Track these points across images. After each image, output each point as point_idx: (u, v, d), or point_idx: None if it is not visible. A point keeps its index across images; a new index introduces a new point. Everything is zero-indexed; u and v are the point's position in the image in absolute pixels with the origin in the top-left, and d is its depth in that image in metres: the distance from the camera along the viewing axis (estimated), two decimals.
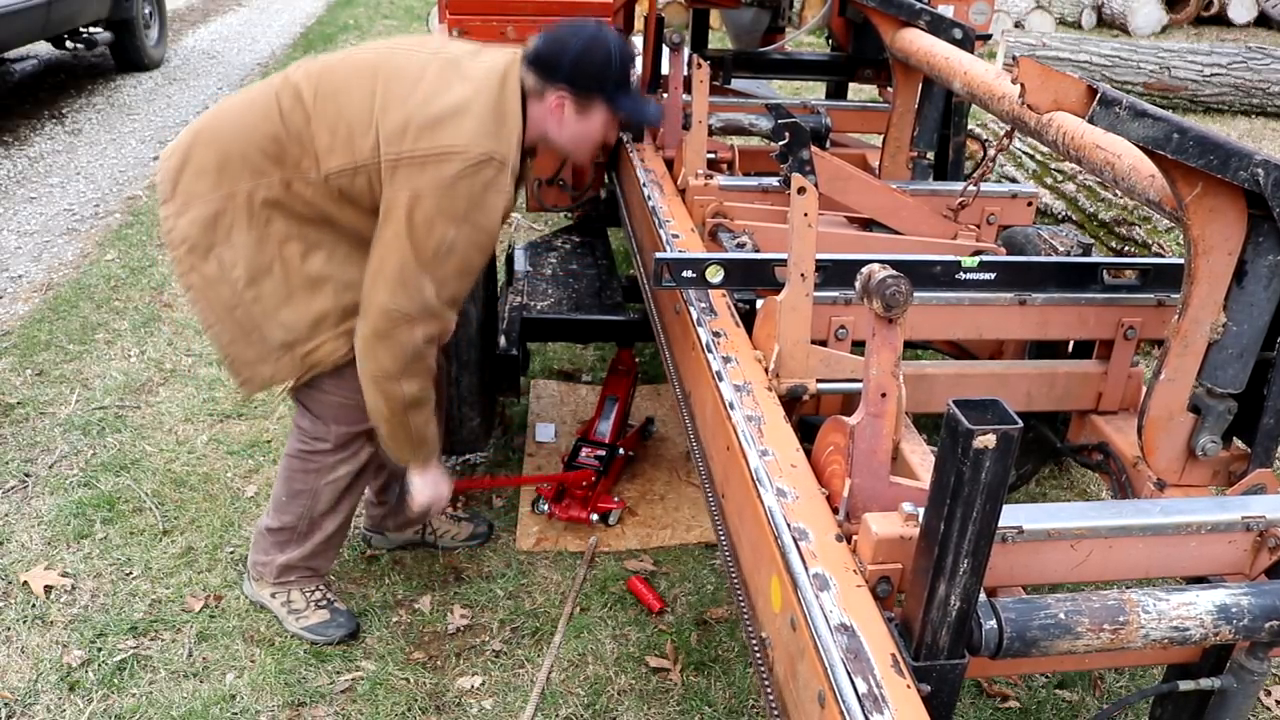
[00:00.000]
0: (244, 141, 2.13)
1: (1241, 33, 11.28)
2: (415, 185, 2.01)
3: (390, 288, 2.07)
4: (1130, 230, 4.61)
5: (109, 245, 4.91)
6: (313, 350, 2.22)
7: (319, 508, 2.47)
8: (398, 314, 2.08)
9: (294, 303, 2.18)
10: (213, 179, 2.14)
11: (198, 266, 2.17)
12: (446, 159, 2.00)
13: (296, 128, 2.10)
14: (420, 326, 2.11)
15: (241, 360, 2.24)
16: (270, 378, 2.25)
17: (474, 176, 2.01)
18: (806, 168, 2.05)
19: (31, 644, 2.52)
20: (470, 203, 2.03)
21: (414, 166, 2.01)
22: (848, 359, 1.96)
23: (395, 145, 2.02)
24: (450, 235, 2.03)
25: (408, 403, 2.19)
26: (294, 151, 2.10)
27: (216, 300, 2.19)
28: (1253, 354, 1.72)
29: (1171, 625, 1.36)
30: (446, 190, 2.01)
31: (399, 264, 2.05)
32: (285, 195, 2.12)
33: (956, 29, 2.90)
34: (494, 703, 2.43)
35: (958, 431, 1.13)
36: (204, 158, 2.15)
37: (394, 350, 2.12)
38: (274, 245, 2.15)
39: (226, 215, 2.14)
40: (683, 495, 3.22)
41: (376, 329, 2.11)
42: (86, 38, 7.35)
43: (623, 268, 3.89)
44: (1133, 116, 1.51)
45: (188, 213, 2.15)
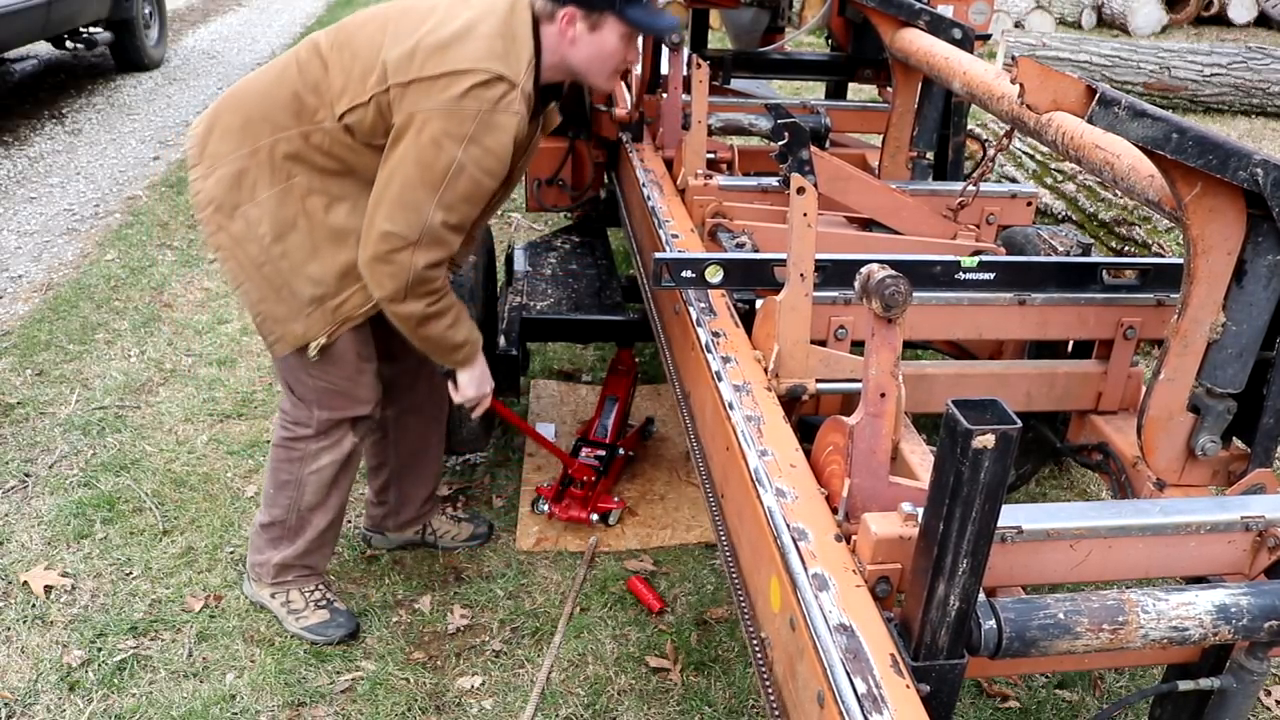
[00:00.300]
0: (265, 101, 2.16)
1: (1241, 33, 11.28)
2: (423, 106, 1.99)
3: (389, 210, 2.04)
4: (1130, 230, 4.61)
5: (109, 245, 4.91)
6: (342, 303, 2.22)
7: (305, 500, 2.47)
8: (396, 237, 2.04)
9: (320, 256, 2.19)
10: (236, 139, 2.17)
11: (225, 226, 2.19)
12: (454, 79, 1.98)
13: (314, 78, 2.12)
14: (421, 252, 2.06)
15: (273, 318, 2.24)
16: (302, 334, 2.24)
17: (482, 95, 1.98)
18: (806, 168, 2.04)
19: (31, 644, 2.52)
20: (479, 123, 1.99)
21: (422, 88, 1.99)
22: (847, 359, 1.96)
23: (403, 71, 2.01)
24: (458, 156, 1.99)
25: (417, 320, 2.16)
26: (311, 103, 2.12)
27: (245, 258, 2.20)
28: (1252, 354, 1.72)
29: (1171, 625, 1.36)
30: (454, 109, 1.98)
31: (401, 185, 2.03)
32: (304, 147, 2.14)
33: (956, 29, 2.89)
34: (494, 703, 2.43)
35: (957, 431, 1.13)
36: (229, 121, 2.19)
37: (395, 274, 2.08)
38: (297, 200, 2.16)
39: (250, 173, 2.16)
40: (683, 495, 3.22)
41: (377, 252, 2.07)
42: (86, 38, 7.36)
43: (622, 268, 3.89)
44: (1132, 116, 1.51)
45: (213, 174, 2.19)
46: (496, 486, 3.24)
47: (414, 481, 2.80)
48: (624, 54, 2.16)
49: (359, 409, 2.40)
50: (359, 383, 2.36)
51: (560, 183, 3.75)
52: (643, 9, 2.13)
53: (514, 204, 5.41)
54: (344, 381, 2.34)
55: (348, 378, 2.34)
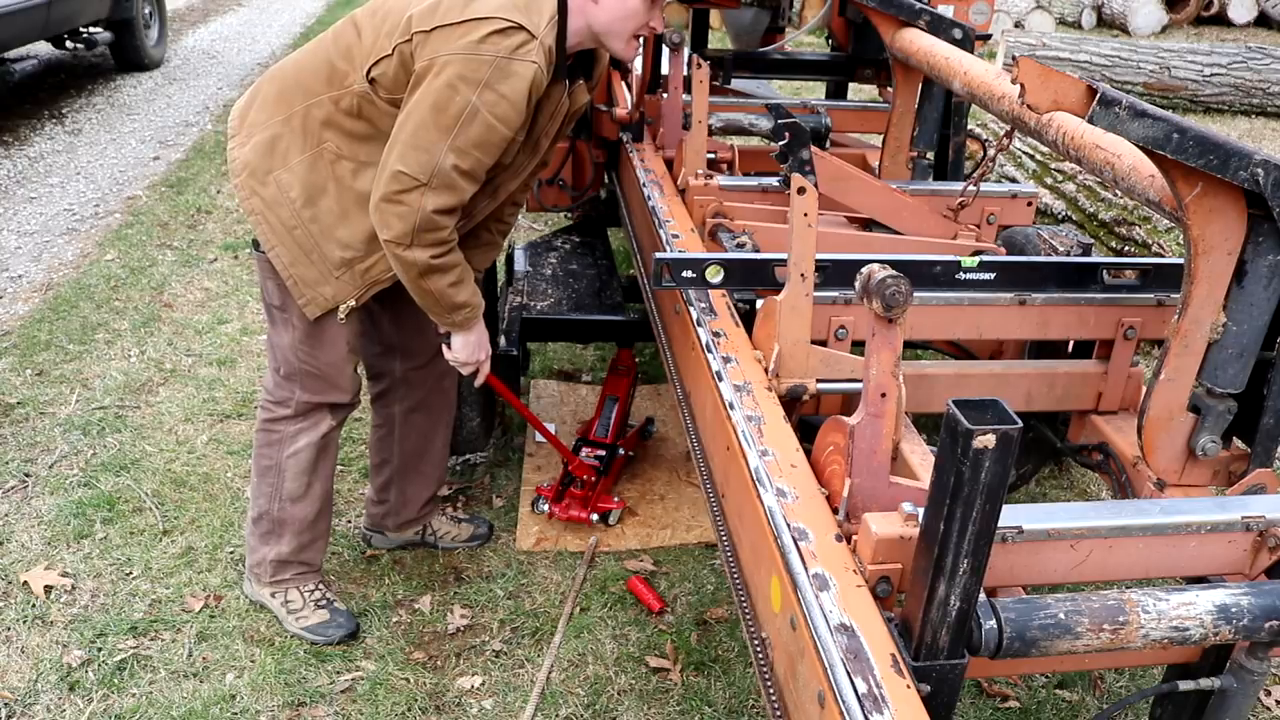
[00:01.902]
0: (300, 70, 2.23)
1: (1241, 33, 11.28)
2: (441, 51, 2.01)
3: (402, 150, 2.05)
4: (1130, 230, 4.61)
5: (109, 245, 4.91)
6: (371, 266, 2.26)
7: (286, 488, 2.49)
8: (407, 178, 2.04)
9: (349, 220, 2.22)
10: (272, 107, 2.23)
11: (258, 190, 2.23)
12: (474, 25, 2.00)
13: (346, 44, 2.17)
14: (431, 195, 2.06)
15: (304, 281, 2.27)
16: (332, 297, 2.27)
17: (500, 42, 1.99)
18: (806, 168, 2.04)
19: (31, 644, 2.52)
20: (494, 68, 1.99)
21: (442, 35, 2.02)
22: (847, 359, 1.96)
23: (426, 20, 2.04)
24: (472, 99, 2.00)
25: (421, 270, 2.15)
26: (342, 68, 2.16)
27: (276, 222, 2.23)
28: (1252, 354, 1.72)
29: (1171, 625, 1.36)
30: (471, 53, 1.99)
31: (415, 126, 2.04)
32: (334, 112, 2.18)
33: (956, 29, 2.89)
34: (494, 703, 2.43)
35: (957, 431, 1.13)
36: (267, 92, 2.26)
37: (403, 216, 2.07)
38: (326, 165, 2.20)
39: (283, 139, 2.21)
40: (683, 495, 3.22)
41: (387, 191, 2.08)
42: (86, 38, 7.36)
43: (623, 268, 3.89)
44: (1132, 116, 1.51)
45: (250, 141, 2.24)
46: (496, 486, 3.24)
47: (415, 481, 2.80)
48: (645, 17, 2.16)
49: (338, 396, 2.43)
50: (342, 372, 2.40)
51: (560, 183, 3.75)
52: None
53: None
54: (329, 368, 2.38)
55: (333, 365, 2.38)
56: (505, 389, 2.71)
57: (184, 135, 6.70)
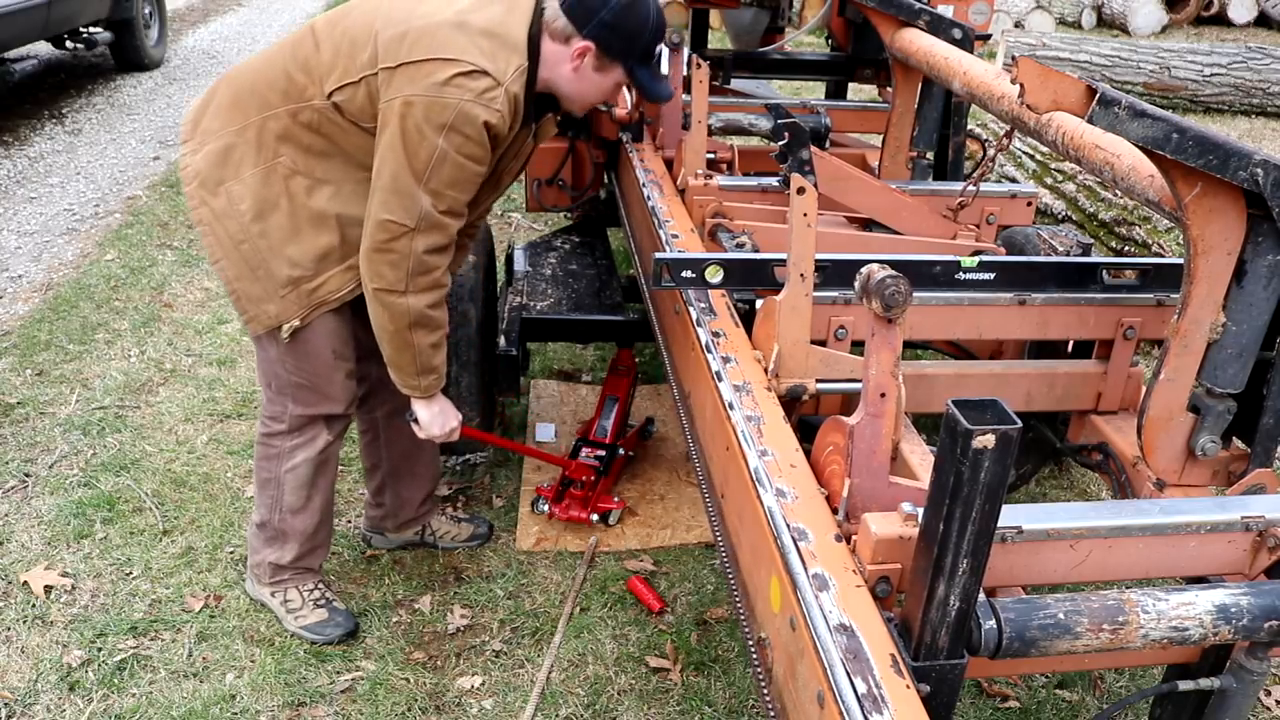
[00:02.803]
0: (257, 79, 2.18)
1: (1241, 33, 11.28)
2: (407, 91, 1.99)
3: (385, 198, 2.05)
4: (1130, 230, 4.61)
5: (109, 245, 4.91)
6: (318, 286, 2.23)
7: (285, 501, 2.48)
8: (394, 224, 2.04)
9: (300, 238, 2.19)
10: (226, 116, 2.19)
11: (207, 200, 2.19)
12: (440, 65, 1.98)
13: (304, 56, 2.13)
14: (420, 237, 2.06)
15: (248, 297, 2.24)
16: (276, 315, 2.24)
17: (465, 84, 1.98)
18: (806, 168, 2.04)
19: (31, 644, 2.52)
20: (459, 113, 1.98)
21: (407, 73, 2.00)
22: (847, 359, 1.96)
23: (392, 54, 2.02)
24: (439, 143, 1.99)
25: (413, 319, 2.15)
26: (300, 80, 2.12)
27: (224, 235, 2.20)
28: (1252, 354, 1.72)
29: (1171, 625, 1.36)
30: (435, 96, 1.98)
31: (393, 174, 2.03)
32: (292, 125, 2.14)
33: (956, 29, 2.90)
34: (494, 703, 2.43)
35: (957, 431, 1.13)
36: (221, 99, 2.22)
37: (395, 262, 2.08)
38: (280, 180, 2.17)
39: (237, 149, 2.17)
40: (683, 495, 3.22)
41: (376, 242, 2.08)
42: (86, 38, 7.35)
43: (622, 268, 3.89)
44: (1132, 116, 1.51)
45: (202, 149, 2.20)
46: (496, 486, 3.24)
47: (409, 483, 2.80)
48: (610, 96, 2.21)
49: (331, 406, 2.40)
50: (332, 380, 2.36)
51: (560, 183, 3.75)
52: (650, 72, 2.17)
53: (514, 204, 5.42)
54: (316, 377, 2.35)
55: (320, 374, 2.34)
56: (478, 434, 2.73)
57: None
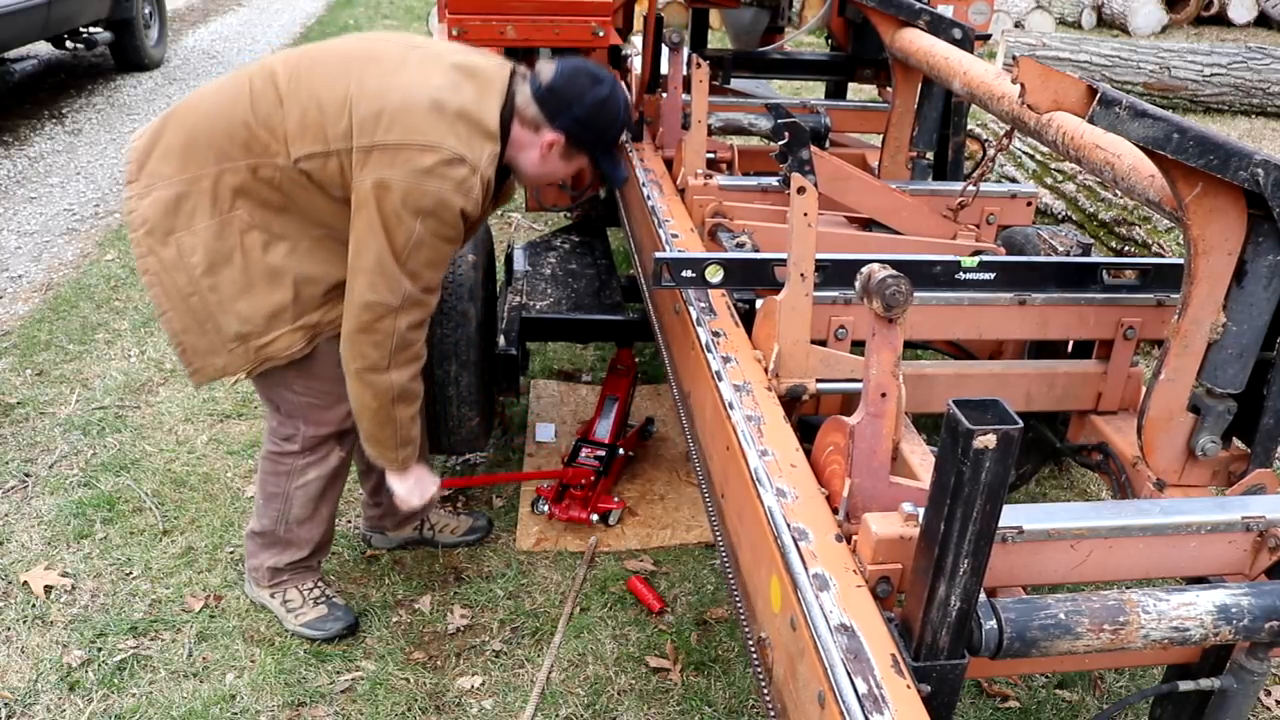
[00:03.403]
0: (212, 125, 2.10)
1: (1241, 33, 11.27)
2: (385, 175, 1.99)
3: (369, 279, 2.05)
4: (1130, 230, 4.61)
5: (109, 245, 4.91)
6: (268, 344, 2.19)
7: (293, 513, 2.47)
8: (379, 305, 2.07)
9: (252, 294, 2.15)
10: (178, 162, 2.10)
11: (155, 250, 2.13)
12: (421, 152, 1.99)
13: (266, 112, 2.07)
14: (403, 315, 2.09)
15: (193, 349, 2.20)
16: (222, 369, 2.22)
17: (445, 173, 2.00)
18: (806, 167, 2.05)
19: (31, 644, 2.52)
20: (437, 200, 2.00)
21: (386, 155, 1.99)
22: (847, 359, 1.96)
23: (369, 134, 2.00)
24: (417, 229, 2.02)
25: (395, 394, 2.17)
26: (262, 136, 2.07)
27: (172, 286, 2.15)
28: (1252, 354, 1.72)
29: (1172, 626, 1.36)
30: (415, 183, 1.99)
31: (376, 255, 2.03)
32: (251, 181, 2.09)
33: (956, 29, 2.89)
34: (494, 703, 2.43)
35: (958, 431, 1.13)
36: (171, 140, 2.12)
37: (379, 341, 2.10)
38: (235, 234, 2.12)
39: (189, 199, 2.10)
40: (683, 495, 3.22)
41: (360, 323, 2.09)
42: (86, 38, 7.35)
43: (622, 267, 3.89)
44: (1133, 116, 1.51)
45: (150, 195, 2.12)
46: (497, 486, 3.24)
47: None
48: (567, 177, 2.32)
49: (345, 422, 2.37)
50: (343, 395, 2.31)
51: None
52: (612, 160, 2.25)
53: (514, 204, 5.41)
54: (327, 393, 2.32)
55: (331, 391, 2.31)
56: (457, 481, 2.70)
57: None
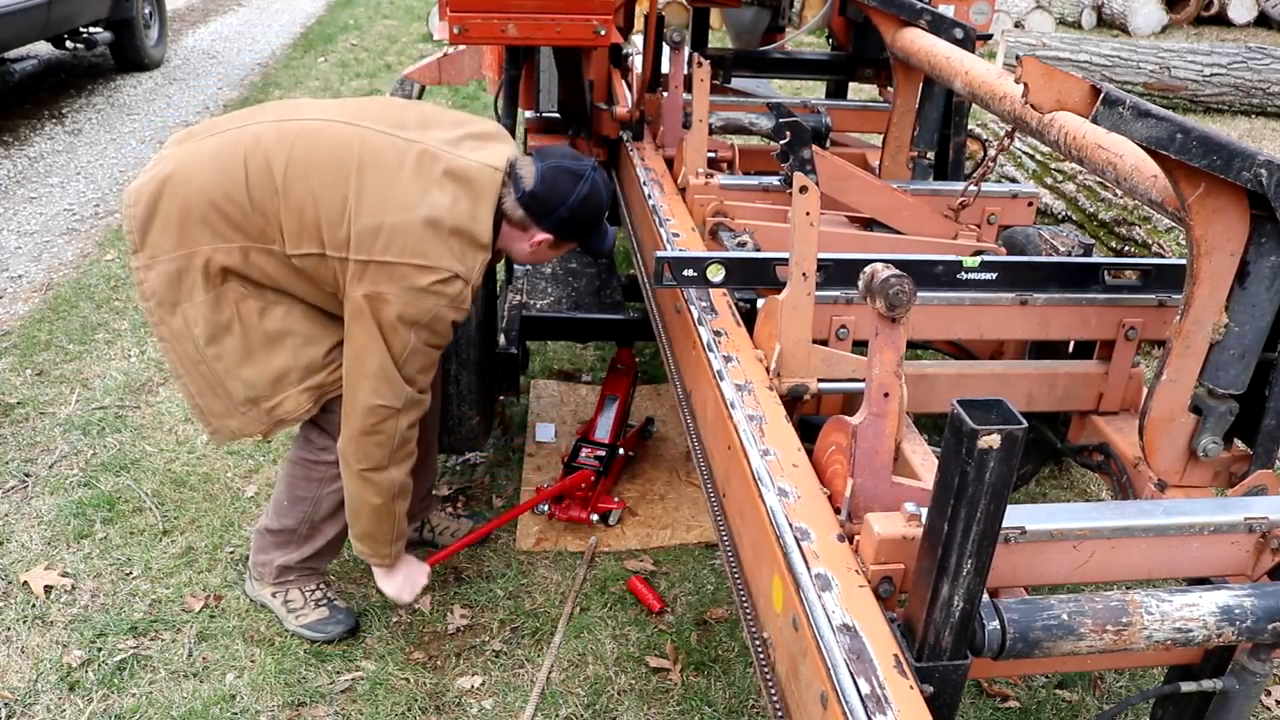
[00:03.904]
0: (206, 202, 2.11)
1: (1241, 33, 11.28)
2: (382, 289, 2.08)
3: (375, 386, 2.14)
4: (1130, 230, 4.61)
5: (109, 245, 4.90)
6: (276, 406, 2.26)
7: (320, 514, 2.49)
8: (385, 409, 2.16)
9: (254, 360, 2.22)
10: (175, 237, 2.13)
11: (166, 320, 2.20)
12: (417, 272, 2.07)
13: (261, 200, 2.10)
14: (405, 416, 2.20)
15: (210, 411, 2.28)
16: (238, 430, 2.29)
17: (442, 291, 2.10)
18: (808, 166, 2.04)
19: (31, 644, 2.52)
20: (433, 315, 2.12)
21: (384, 271, 2.08)
22: (849, 358, 1.96)
23: (366, 249, 2.07)
24: (411, 340, 2.12)
25: (396, 490, 2.28)
26: (257, 222, 2.12)
27: (183, 353, 2.22)
28: (1254, 355, 1.72)
29: (1174, 627, 1.36)
30: (413, 300, 2.08)
31: (379, 363, 2.12)
32: (243, 263, 2.15)
33: (958, 29, 2.89)
34: (494, 703, 2.42)
35: (962, 431, 1.12)
36: (169, 212, 2.13)
37: (384, 442, 2.21)
38: (231, 305, 2.18)
39: (188, 274, 2.16)
40: (683, 495, 3.22)
41: (365, 426, 2.17)
42: (86, 38, 7.35)
43: (622, 267, 3.89)
44: (1136, 117, 1.51)
45: (155, 268, 2.16)
46: (496, 486, 3.24)
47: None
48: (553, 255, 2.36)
49: None
50: None
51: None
52: (598, 238, 2.32)
53: None
54: None
55: None
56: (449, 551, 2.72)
57: None
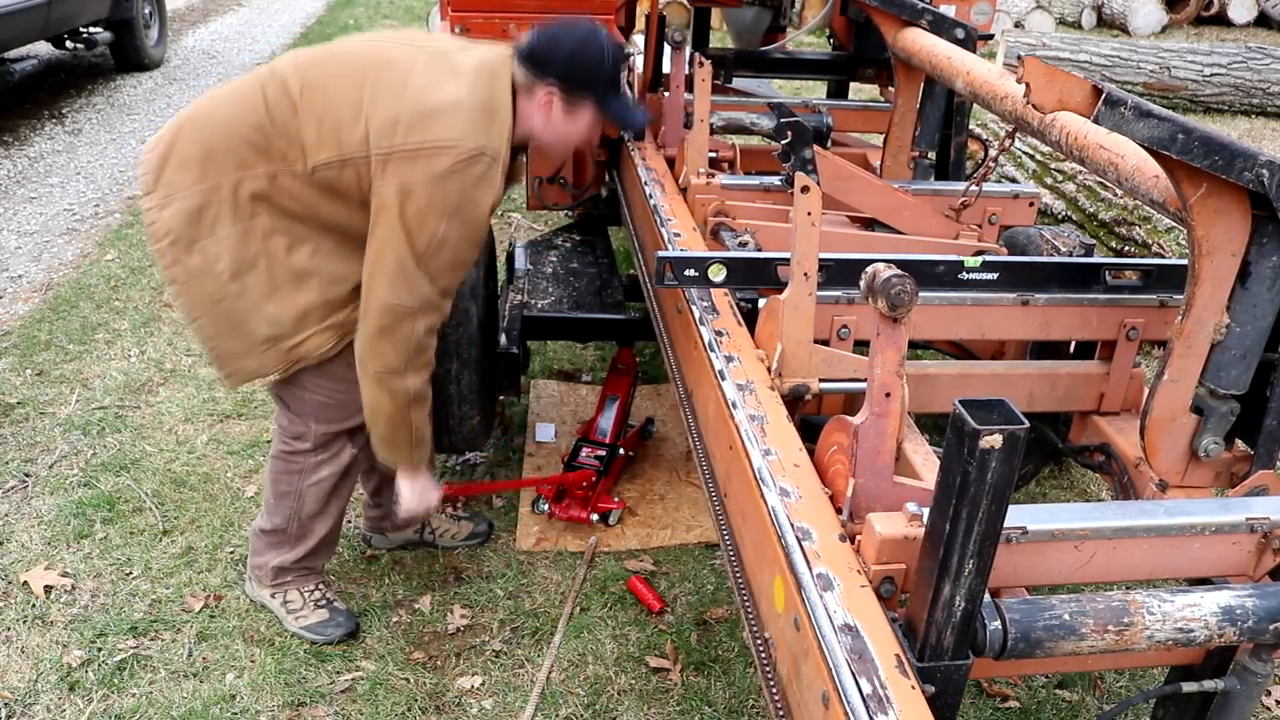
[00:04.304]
0: (228, 133, 2.11)
1: (1241, 33, 11.28)
2: (406, 179, 2.01)
3: (390, 283, 2.07)
4: (1130, 230, 4.61)
5: (109, 245, 4.90)
6: (298, 344, 2.21)
7: (306, 510, 2.47)
8: (400, 308, 2.08)
9: (279, 296, 2.17)
10: (196, 171, 2.12)
11: (181, 259, 2.16)
12: (439, 153, 2.00)
13: (282, 120, 2.09)
14: (421, 318, 2.11)
15: (227, 353, 2.23)
16: (255, 370, 2.24)
17: (465, 171, 2.01)
18: (809, 166, 2.04)
19: (31, 644, 2.52)
20: (461, 197, 2.02)
21: (405, 160, 2.01)
22: (850, 358, 1.95)
23: (386, 139, 2.02)
24: (441, 229, 2.03)
25: (412, 398, 2.19)
26: (280, 144, 2.09)
27: (201, 293, 2.17)
28: (1256, 355, 1.71)
29: (1176, 627, 1.36)
30: (438, 184, 2.00)
31: (397, 259, 2.05)
32: (271, 188, 2.11)
33: (959, 29, 2.89)
34: (494, 703, 2.42)
35: (964, 431, 1.12)
36: (187, 150, 2.13)
37: (398, 345, 2.11)
38: (259, 239, 2.14)
39: (211, 208, 2.12)
40: (683, 495, 3.22)
41: (380, 325, 2.10)
42: (86, 38, 7.34)
43: (623, 266, 3.89)
44: (1138, 117, 1.51)
45: (170, 205, 2.13)
46: None
47: None
48: (589, 135, 2.22)
49: (355, 419, 2.36)
50: (354, 392, 2.32)
51: (561, 181, 3.74)
52: (621, 103, 2.19)
53: (514, 203, 5.41)
54: (341, 394, 2.32)
55: (345, 390, 2.31)
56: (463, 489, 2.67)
57: None
